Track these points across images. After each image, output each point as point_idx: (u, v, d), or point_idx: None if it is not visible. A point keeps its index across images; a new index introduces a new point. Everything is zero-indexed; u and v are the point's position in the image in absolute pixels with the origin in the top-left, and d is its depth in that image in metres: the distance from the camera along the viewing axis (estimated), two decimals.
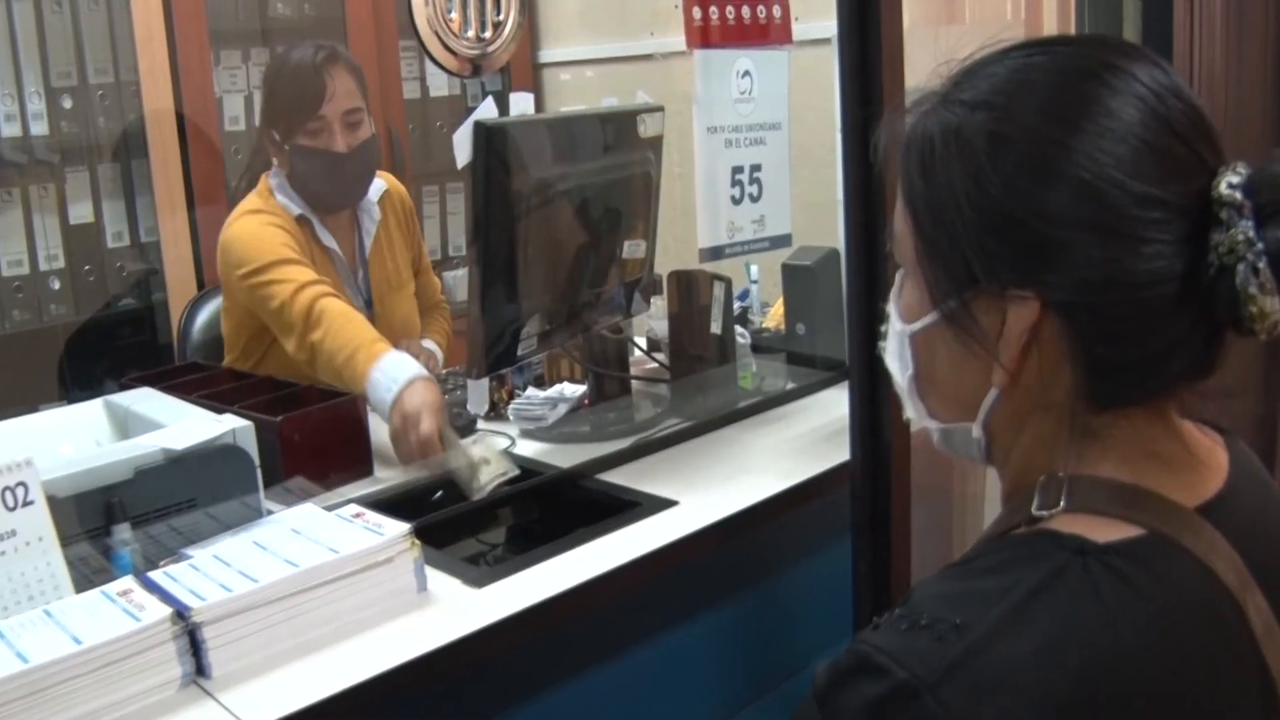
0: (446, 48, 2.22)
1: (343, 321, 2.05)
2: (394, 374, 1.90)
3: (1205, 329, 0.81)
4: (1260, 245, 0.77)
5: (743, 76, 2.08)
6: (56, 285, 3.04)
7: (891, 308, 0.95)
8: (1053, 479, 0.85)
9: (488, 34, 2.29)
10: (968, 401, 0.90)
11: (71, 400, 2.42)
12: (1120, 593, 0.76)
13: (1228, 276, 0.78)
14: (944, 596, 0.80)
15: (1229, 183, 0.78)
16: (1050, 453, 0.87)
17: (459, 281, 3.49)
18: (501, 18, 2.32)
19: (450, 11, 2.23)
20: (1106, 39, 0.88)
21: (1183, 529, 0.81)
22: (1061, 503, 0.83)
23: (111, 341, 2.47)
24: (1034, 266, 0.82)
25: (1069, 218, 0.80)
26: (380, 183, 2.49)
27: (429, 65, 3.68)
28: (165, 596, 1.22)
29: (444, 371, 2.43)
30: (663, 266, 2.19)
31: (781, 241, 2.19)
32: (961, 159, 0.83)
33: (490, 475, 1.69)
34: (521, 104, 1.90)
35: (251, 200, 2.33)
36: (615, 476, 1.77)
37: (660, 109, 2.03)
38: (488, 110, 1.72)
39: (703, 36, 2.04)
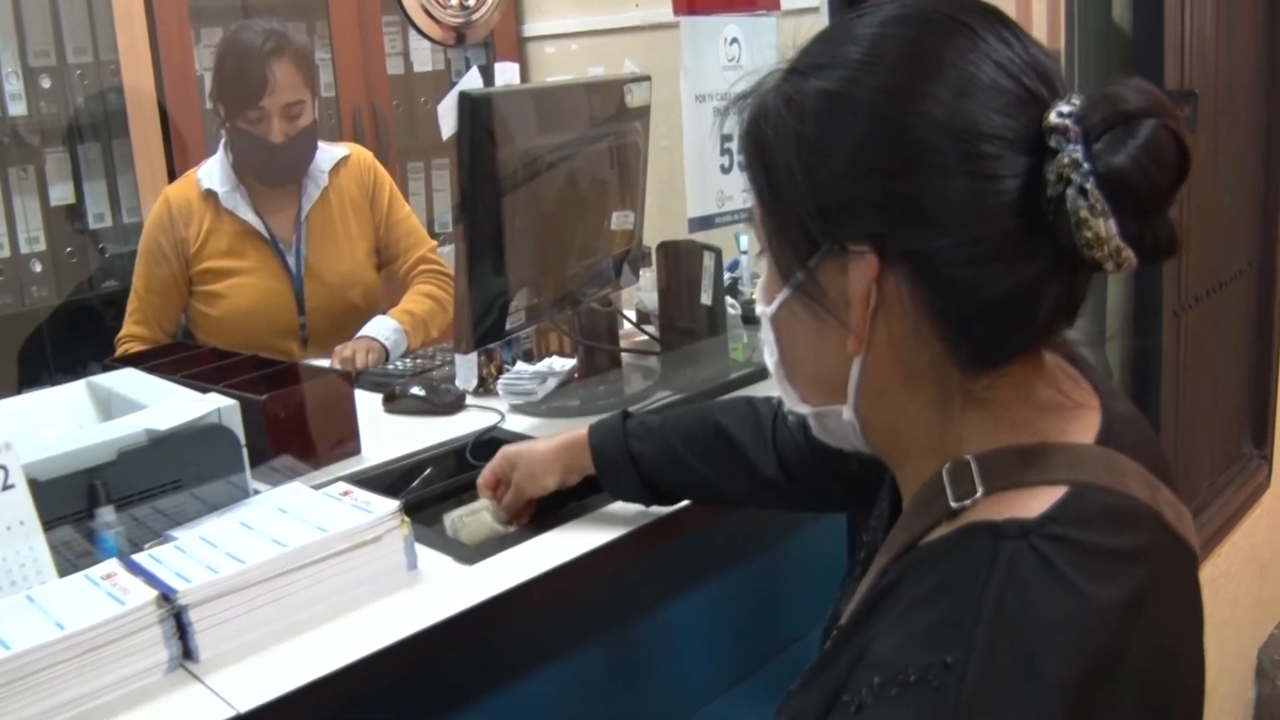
0: (430, 16, 2.19)
1: None
2: None
3: (1062, 272, 0.79)
4: (1087, 166, 0.74)
5: (731, 44, 2.06)
6: (38, 268, 3.00)
7: (757, 295, 0.93)
8: (959, 464, 0.82)
9: (472, 2, 2.27)
10: (832, 381, 0.87)
11: (54, 383, 2.41)
12: (1074, 560, 0.74)
13: (1062, 206, 0.75)
14: (911, 639, 0.76)
15: (1059, 111, 0.76)
16: (940, 429, 0.85)
17: (446, 258, 3.46)
18: None
19: None
20: None
21: (1095, 469, 0.80)
22: (979, 489, 0.80)
23: (94, 323, 2.45)
24: (865, 218, 0.80)
25: (889, 165, 0.78)
26: (341, 150, 2.59)
27: (412, 40, 3.65)
28: (150, 579, 1.20)
29: (434, 348, 2.41)
30: (649, 240, 2.16)
31: None
32: (794, 122, 0.82)
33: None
34: (507, 74, 1.88)
35: (186, 175, 2.54)
36: None
37: (647, 79, 2.00)
38: (473, 81, 1.69)
39: (689, 3, 2.02)
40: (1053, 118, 0.76)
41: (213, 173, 2.47)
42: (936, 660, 0.72)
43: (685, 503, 1.48)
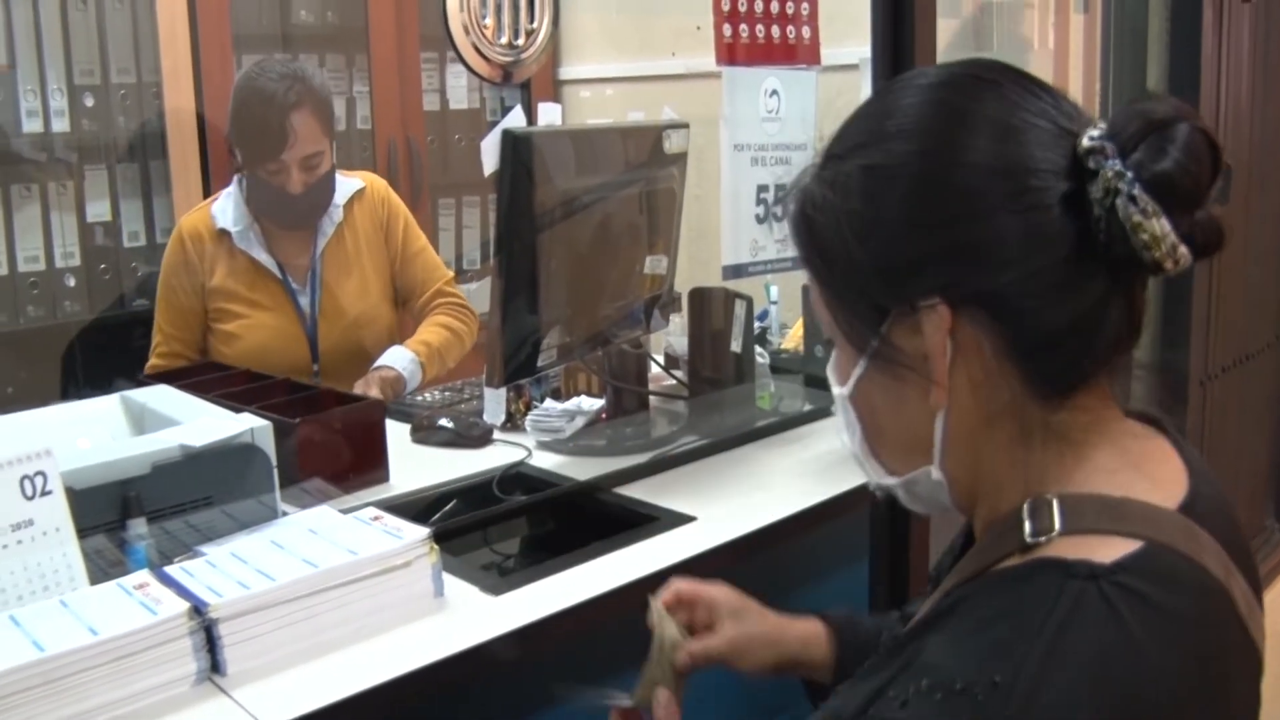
0: (480, 53, 2.22)
1: None
2: None
3: (1120, 291, 0.83)
4: (1130, 174, 0.79)
5: (770, 95, 2.08)
6: (71, 283, 3.03)
7: (831, 379, 0.96)
8: (1040, 501, 0.83)
9: (520, 41, 2.30)
10: (917, 441, 0.89)
11: (81, 398, 2.43)
12: (1139, 612, 0.74)
13: (1114, 217, 0.79)
14: (965, 653, 0.77)
15: (1090, 136, 0.81)
16: (1024, 465, 0.86)
17: (474, 295, 3.48)
18: (535, 25, 2.33)
19: (485, 17, 2.24)
20: (964, 60, 0.91)
21: (1173, 533, 0.80)
22: (1056, 526, 0.81)
23: (124, 341, 2.47)
24: (929, 273, 0.83)
25: (941, 218, 0.82)
26: (355, 183, 2.55)
27: (449, 77, 3.70)
28: (182, 591, 1.21)
29: (463, 381, 2.42)
30: (680, 287, 2.18)
31: None
32: (840, 201, 0.86)
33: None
34: (549, 115, 1.90)
35: (200, 205, 2.51)
36: (632, 491, 1.76)
37: (685, 126, 2.02)
38: (516, 120, 1.71)
39: (730, 54, 2.04)
40: (1085, 142, 0.81)
41: (226, 210, 2.44)
42: (986, 678, 0.73)
43: (709, 545, 1.50)
